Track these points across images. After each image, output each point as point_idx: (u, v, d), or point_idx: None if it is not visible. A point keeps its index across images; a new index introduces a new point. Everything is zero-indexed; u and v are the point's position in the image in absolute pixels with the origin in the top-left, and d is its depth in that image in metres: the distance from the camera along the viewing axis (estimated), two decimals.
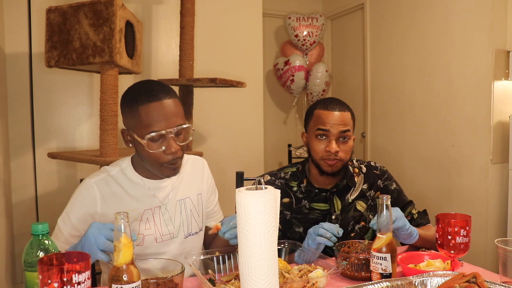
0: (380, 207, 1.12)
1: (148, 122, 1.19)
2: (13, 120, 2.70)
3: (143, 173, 1.33)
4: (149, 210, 1.32)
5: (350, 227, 1.55)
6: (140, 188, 1.32)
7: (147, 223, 1.31)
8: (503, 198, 2.81)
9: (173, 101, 1.23)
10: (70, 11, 2.08)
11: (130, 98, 1.23)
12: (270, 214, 0.87)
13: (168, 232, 1.35)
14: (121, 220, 0.89)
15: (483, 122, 2.80)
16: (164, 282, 1.03)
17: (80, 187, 1.30)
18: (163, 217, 1.34)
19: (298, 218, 1.54)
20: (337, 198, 1.55)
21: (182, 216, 1.38)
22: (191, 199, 1.42)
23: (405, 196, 1.62)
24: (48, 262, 0.82)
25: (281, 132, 4.66)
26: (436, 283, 1.01)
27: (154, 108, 1.19)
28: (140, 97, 1.20)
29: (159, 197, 1.34)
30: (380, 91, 3.73)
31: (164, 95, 1.21)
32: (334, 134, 1.45)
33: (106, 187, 1.29)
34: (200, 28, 2.76)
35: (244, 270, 0.88)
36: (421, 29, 3.25)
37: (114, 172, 1.32)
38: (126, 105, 1.24)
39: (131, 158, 1.36)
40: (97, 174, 1.32)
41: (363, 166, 1.62)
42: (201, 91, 2.93)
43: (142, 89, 1.23)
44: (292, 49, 4.30)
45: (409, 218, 1.58)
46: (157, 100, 1.20)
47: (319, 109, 1.50)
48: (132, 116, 1.22)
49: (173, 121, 1.21)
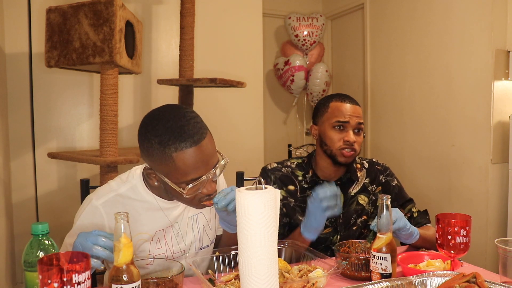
0: (380, 207, 1.12)
1: (186, 171, 1.06)
2: (13, 120, 2.70)
3: (155, 192, 1.22)
4: (160, 231, 1.24)
5: (352, 221, 1.57)
6: (152, 207, 1.22)
7: (158, 243, 1.25)
8: (503, 198, 2.81)
9: (209, 139, 1.10)
10: (70, 11, 2.08)
11: (159, 141, 1.06)
12: (270, 214, 0.87)
13: (179, 250, 1.29)
14: (121, 220, 0.89)
15: (483, 122, 2.80)
16: (164, 282, 1.03)
17: (86, 208, 1.18)
18: (175, 236, 1.28)
19: (302, 207, 1.56)
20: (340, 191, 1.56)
21: (194, 233, 1.32)
22: (203, 213, 1.35)
23: (405, 193, 1.64)
24: (48, 262, 0.82)
25: (281, 132, 4.66)
26: (436, 283, 1.01)
27: (192, 154, 1.05)
28: (172, 142, 1.05)
29: (171, 217, 1.26)
30: (380, 91, 3.73)
31: (199, 136, 1.07)
32: (352, 125, 1.50)
33: (114, 209, 1.15)
34: (200, 28, 2.76)
35: (244, 270, 0.88)
36: (421, 29, 3.25)
37: (123, 190, 1.21)
38: (151, 147, 1.08)
39: (142, 175, 1.24)
40: (104, 194, 1.19)
41: (365, 162, 1.66)
42: (201, 91, 2.93)
43: (173, 130, 1.06)
44: (292, 49, 4.29)
45: (409, 216, 1.59)
46: (194, 144, 1.06)
47: (335, 102, 1.54)
48: (162, 162, 1.08)
49: (211, 163, 1.11)
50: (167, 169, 1.08)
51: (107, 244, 1.00)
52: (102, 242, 1.00)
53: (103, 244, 1.00)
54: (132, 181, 1.22)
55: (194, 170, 1.07)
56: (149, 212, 1.21)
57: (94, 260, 0.99)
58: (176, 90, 2.64)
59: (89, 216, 1.17)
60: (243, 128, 3.31)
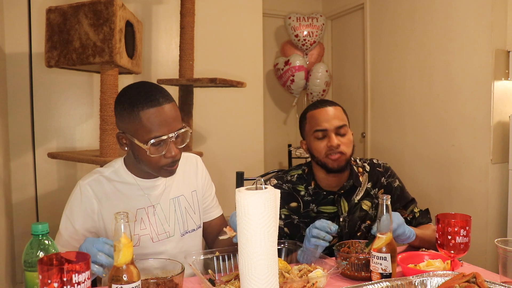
0: (380, 208, 1.12)
1: (150, 128, 1.19)
2: (13, 120, 2.70)
3: (136, 173, 1.34)
4: (142, 209, 1.33)
5: (357, 227, 1.55)
6: (133, 187, 1.33)
7: (142, 223, 1.32)
8: (503, 198, 2.81)
9: (173, 106, 1.23)
10: (70, 11, 2.08)
11: (129, 102, 1.21)
12: (270, 214, 0.87)
13: (164, 231, 1.35)
14: (121, 220, 0.89)
15: (483, 122, 2.80)
16: (164, 282, 1.03)
17: (74, 190, 1.31)
18: (158, 217, 1.35)
19: (306, 222, 1.53)
20: (344, 200, 1.54)
21: (177, 214, 1.39)
22: (185, 196, 1.42)
23: (407, 193, 1.62)
24: (48, 262, 0.82)
25: (281, 132, 4.66)
26: (436, 283, 1.01)
27: (155, 113, 1.19)
28: (140, 102, 1.19)
29: (152, 196, 1.35)
30: (380, 91, 3.73)
31: (164, 100, 1.21)
32: (332, 130, 1.47)
33: (100, 187, 1.30)
34: (200, 28, 2.76)
35: (244, 270, 0.88)
36: (421, 29, 3.25)
37: (107, 173, 1.33)
38: (123, 109, 1.23)
39: (123, 159, 1.37)
40: (90, 175, 1.33)
41: (366, 164, 1.61)
42: (201, 91, 2.93)
43: (142, 93, 1.22)
44: (292, 49, 4.30)
45: (411, 217, 1.58)
46: (159, 105, 1.20)
47: (310, 111, 1.52)
48: (131, 120, 1.21)
49: (173, 126, 1.22)
50: (134, 127, 1.20)
51: (112, 252, 1.02)
52: (108, 250, 1.04)
53: (108, 252, 1.04)
54: (115, 165, 1.35)
55: (157, 127, 1.19)
56: (130, 191, 1.32)
57: (96, 266, 1.02)
58: (176, 90, 2.64)
59: (78, 195, 1.29)
60: (243, 128, 3.31)
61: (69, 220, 1.27)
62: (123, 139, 1.26)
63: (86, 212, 1.28)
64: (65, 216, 1.29)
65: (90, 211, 1.28)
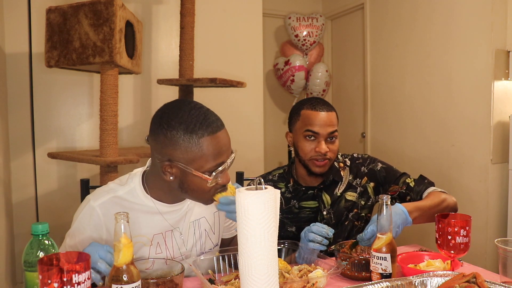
0: (380, 207, 1.12)
1: (211, 156, 1.09)
2: (13, 120, 2.70)
3: (157, 196, 1.21)
4: (159, 234, 1.22)
5: (344, 217, 1.58)
6: (150, 211, 1.20)
7: (158, 247, 1.23)
8: (503, 198, 2.81)
9: (225, 129, 1.15)
10: (70, 11, 2.08)
11: (184, 127, 1.08)
12: (270, 214, 0.87)
13: (180, 255, 1.27)
14: (121, 220, 0.89)
15: (483, 122, 2.80)
16: (164, 282, 1.03)
17: (83, 209, 1.18)
18: (176, 241, 1.25)
19: (290, 218, 1.57)
20: (325, 194, 1.57)
21: (196, 237, 1.29)
22: (206, 218, 1.33)
23: (396, 170, 1.60)
24: (48, 262, 0.82)
25: (281, 132, 4.65)
26: (436, 283, 1.01)
27: (216, 140, 1.09)
28: (199, 128, 1.08)
29: (172, 221, 1.24)
30: (380, 91, 3.73)
31: (221, 123, 1.12)
32: (323, 136, 1.47)
33: (112, 211, 1.14)
34: (200, 28, 2.76)
35: (244, 270, 0.88)
36: (421, 29, 3.25)
37: (122, 192, 1.20)
38: (178, 134, 1.08)
39: (142, 178, 1.22)
40: (102, 195, 1.19)
41: (347, 159, 1.64)
42: (201, 91, 2.93)
43: (198, 117, 1.09)
44: (292, 49, 4.29)
45: (405, 188, 1.53)
46: (218, 130, 1.10)
47: (306, 110, 1.51)
48: (188, 149, 1.08)
49: (229, 150, 1.15)
50: (192, 155, 1.09)
51: (113, 262, 0.97)
52: (109, 259, 0.99)
53: (110, 261, 0.99)
54: (131, 184, 1.21)
55: (218, 155, 1.10)
56: (147, 215, 1.20)
57: (94, 273, 0.98)
58: (176, 90, 2.64)
59: (87, 216, 1.17)
60: (243, 128, 3.31)
61: (74, 235, 1.17)
62: (171, 167, 1.12)
63: (92, 237, 1.17)
64: (72, 230, 1.18)
65: (97, 238, 1.17)
